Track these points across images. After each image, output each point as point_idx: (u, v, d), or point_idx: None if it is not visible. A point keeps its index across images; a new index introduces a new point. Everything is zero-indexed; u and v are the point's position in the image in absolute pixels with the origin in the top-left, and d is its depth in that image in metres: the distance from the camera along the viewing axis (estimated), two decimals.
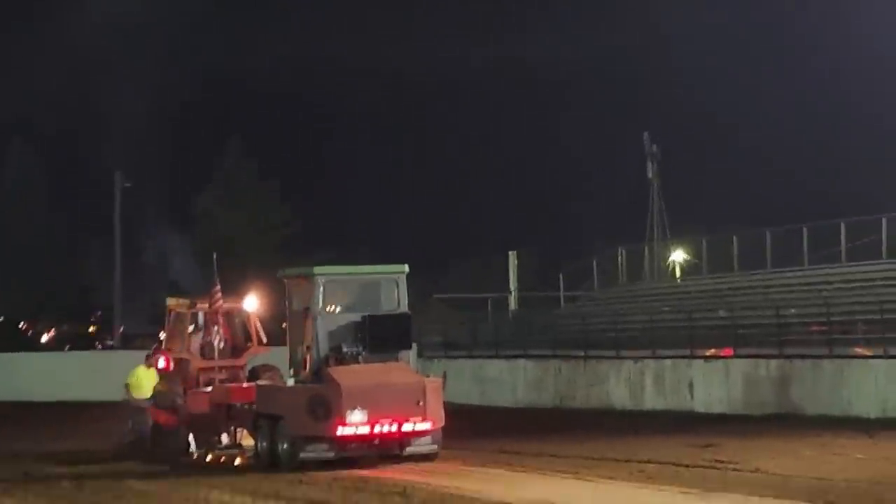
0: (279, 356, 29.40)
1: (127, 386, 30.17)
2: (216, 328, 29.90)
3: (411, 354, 27.87)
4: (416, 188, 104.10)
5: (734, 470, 22.86)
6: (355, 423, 25.03)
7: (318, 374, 25.95)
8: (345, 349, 26.10)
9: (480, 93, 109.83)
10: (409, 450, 25.87)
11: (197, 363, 30.33)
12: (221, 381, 29.26)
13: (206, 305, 30.06)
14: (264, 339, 31.07)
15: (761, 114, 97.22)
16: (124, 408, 31.04)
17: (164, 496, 22.32)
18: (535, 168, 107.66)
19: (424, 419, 25.54)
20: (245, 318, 31.41)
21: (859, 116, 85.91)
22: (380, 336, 26.29)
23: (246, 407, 27.44)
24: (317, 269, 26.81)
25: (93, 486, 24.13)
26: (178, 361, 30.67)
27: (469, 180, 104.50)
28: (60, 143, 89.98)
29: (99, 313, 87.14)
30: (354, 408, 25.05)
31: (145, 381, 30.26)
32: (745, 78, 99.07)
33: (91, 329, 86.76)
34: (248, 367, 30.34)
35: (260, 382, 27.88)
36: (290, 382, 26.66)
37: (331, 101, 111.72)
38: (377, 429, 25.19)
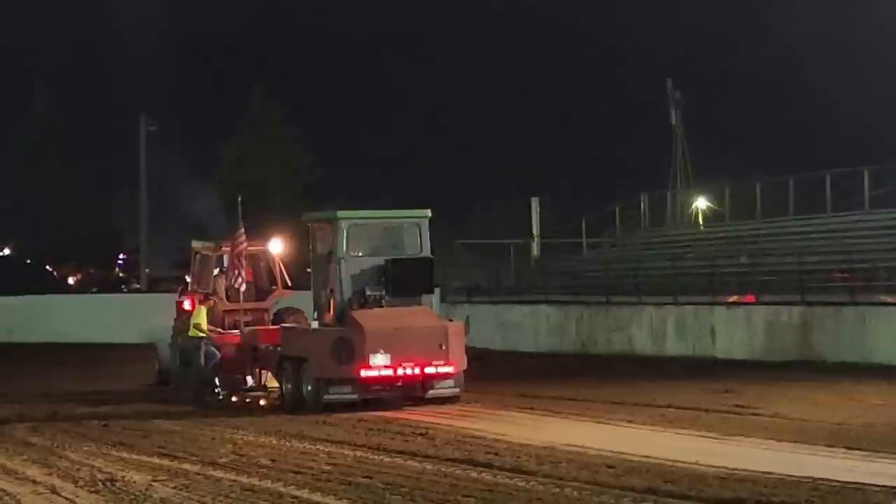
0: (303, 300, 29.68)
1: (196, 325, 29.53)
2: (239, 271, 30.00)
3: (434, 299, 28.08)
4: (438, 134, 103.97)
5: (754, 415, 23.03)
6: (378, 365, 25.30)
7: (342, 317, 26.20)
8: (368, 293, 26.33)
9: (501, 37, 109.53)
10: (431, 393, 26.13)
11: (222, 305, 30.59)
12: (247, 324, 29.51)
13: (231, 248, 30.24)
14: (289, 283, 31.31)
15: (785, 60, 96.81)
16: (183, 347, 30.39)
17: (190, 435, 22.59)
18: (559, 114, 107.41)
19: (447, 363, 25.78)
20: (270, 261, 31.64)
21: (883, 62, 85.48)
22: (402, 280, 26.51)
23: (271, 349, 27.72)
24: (340, 214, 26.97)
25: (119, 425, 24.45)
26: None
27: (492, 126, 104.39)
28: (86, 86, 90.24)
29: (123, 256, 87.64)
30: (377, 351, 25.31)
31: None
32: (770, 24, 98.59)
33: (118, 272, 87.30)
34: (273, 310, 30.59)
35: (285, 325, 28.13)
36: (315, 326, 26.91)
37: (354, 45, 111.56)
38: (400, 371, 25.46)
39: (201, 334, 28.77)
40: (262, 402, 27.65)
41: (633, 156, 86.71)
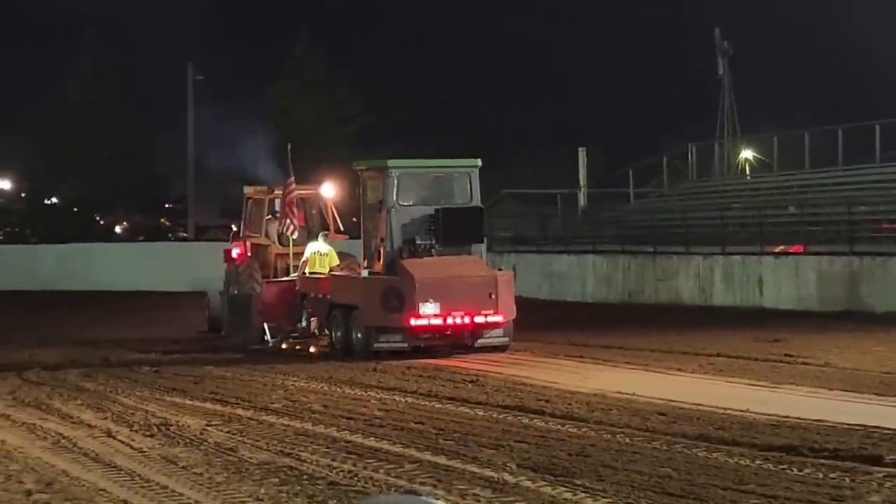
0: (352, 247, 29.76)
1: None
2: (290, 217, 30.00)
3: (482, 248, 28.11)
4: (485, 83, 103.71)
5: (803, 363, 22.97)
6: (428, 314, 25.37)
7: (392, 266, 26.29)
8: (418, 241, 26.40)
9: None
10: (480, 342, 26.23)
11: (274, 249, 30.74)
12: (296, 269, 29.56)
13: (283, 193, 30.33)
14: (341, 227, 31.34)
15: (834, 9, 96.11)
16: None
17: (242, 382, 22.76)
18: (607, 64, 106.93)
19: (496, 312, 25.83)
20: (322, 206, 31.68)
21: None
22: (453, 229, 26.55)
23: (321, 296, 27.84)
24: (391, 162, 27.03)
25: (171, 371, 24.67)
26: (256, 248, 31.06)
27: (539, 76, 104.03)
28: (133, 34, 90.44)
29: (169, 206, 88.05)
30: (427, 300, 25.39)
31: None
32: None
33: (164, 220, 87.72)
34: None
35: (335, 273, 28.19)
36: (365, 274, 27.00)
37: None
38: (449, 321, 25.53)
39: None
40: (311, 349, 27.81)
41: (681, 105, 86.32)
